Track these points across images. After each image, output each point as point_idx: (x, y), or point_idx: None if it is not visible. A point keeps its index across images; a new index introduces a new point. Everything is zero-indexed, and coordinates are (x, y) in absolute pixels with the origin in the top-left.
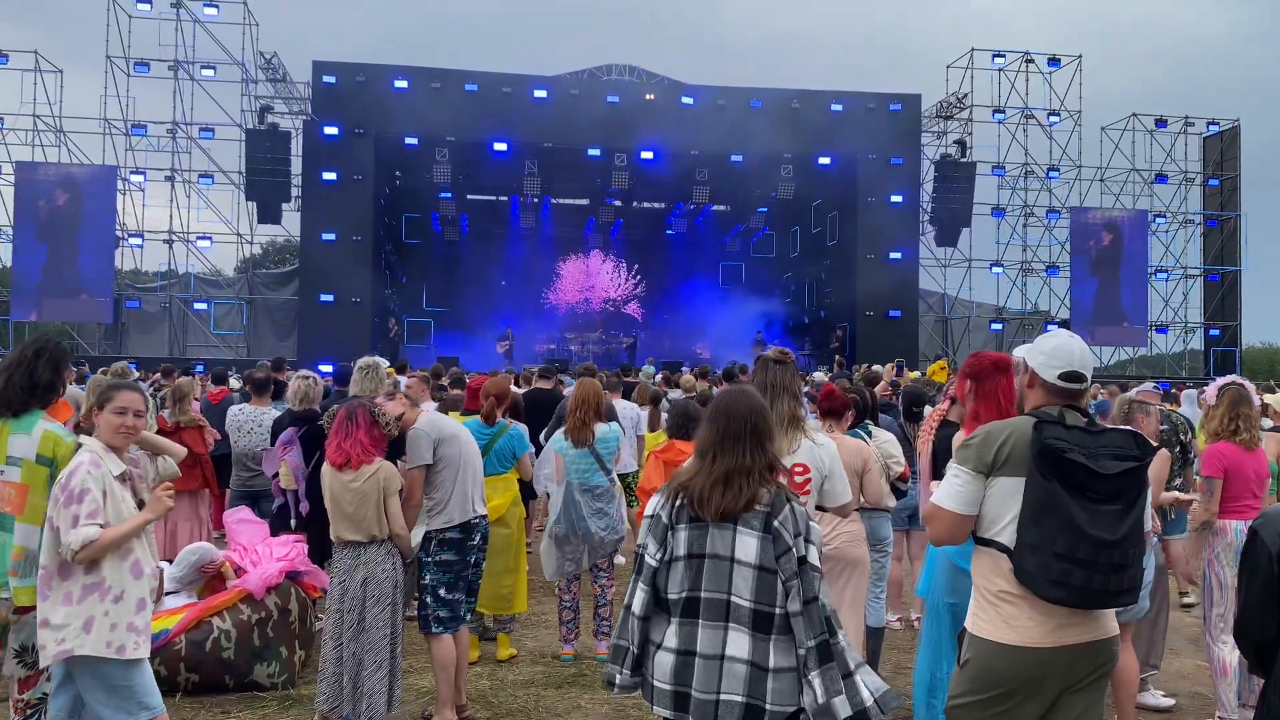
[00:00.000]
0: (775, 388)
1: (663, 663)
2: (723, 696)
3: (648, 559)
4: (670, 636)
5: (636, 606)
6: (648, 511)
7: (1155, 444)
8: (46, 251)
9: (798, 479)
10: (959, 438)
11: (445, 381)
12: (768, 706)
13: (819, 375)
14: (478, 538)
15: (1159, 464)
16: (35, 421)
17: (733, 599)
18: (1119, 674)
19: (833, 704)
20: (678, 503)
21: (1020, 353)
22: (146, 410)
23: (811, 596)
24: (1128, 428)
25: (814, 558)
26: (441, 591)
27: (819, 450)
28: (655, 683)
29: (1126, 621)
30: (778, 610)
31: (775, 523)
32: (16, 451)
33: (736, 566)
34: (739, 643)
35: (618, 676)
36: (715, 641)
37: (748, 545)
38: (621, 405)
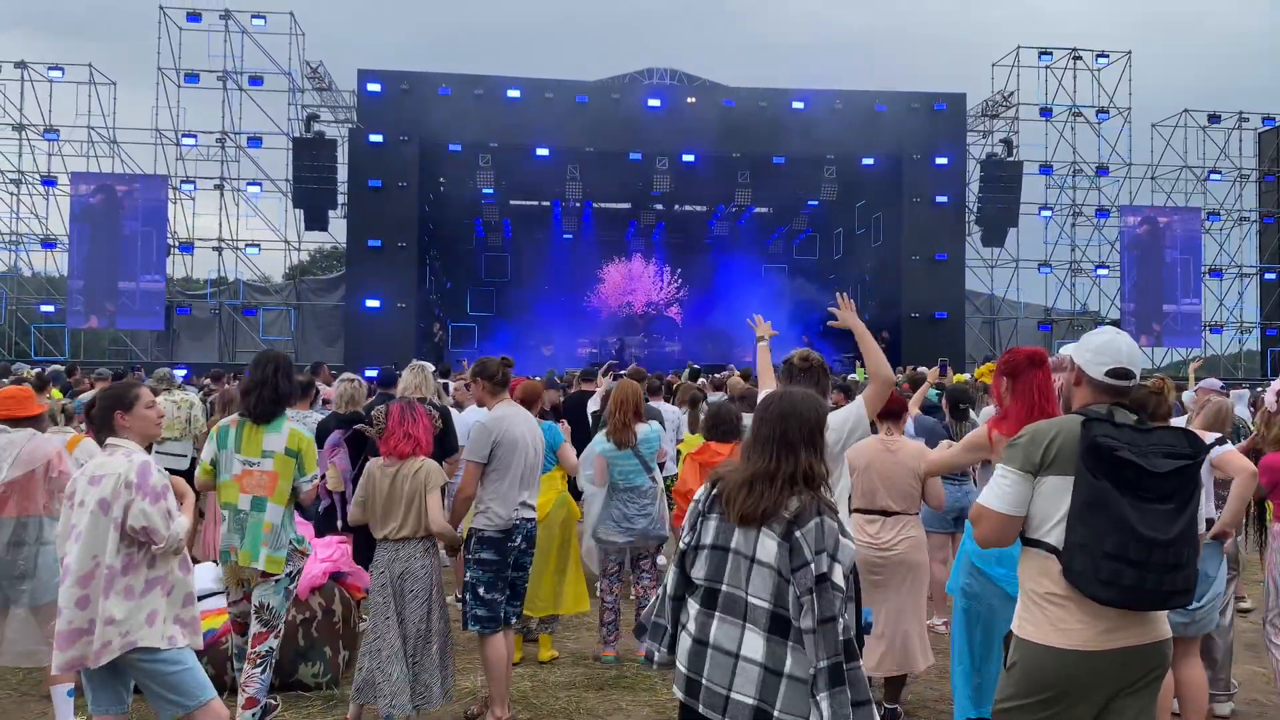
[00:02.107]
0: None
1: (682, 645)
2: (734, 695)
3: (681, 542)
4: (690, 621)
5: (669, 587)
6: (696, 496)
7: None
8: (100, 260)
9: None
10: (988, 434)
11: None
12: (776, 713)
13: (854, 377)
14: (519, 539)
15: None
16: (283, 422)
17: (750, 599)
18: (1188, 688)
19: None
20: (714, 491)
21: (1067, 350)
22: None
23: (828, 616)
24: (1179, 425)
25: (837, 576)
26: (480, 590)
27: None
28: (676, 664)
29: (1196, 635)
30: (793, 622)
31: (797, 534)
32: (270, 447)
33: (756, 566)
34: (754, 644)
35: (657, 653)
36: (731, 638)
37: (768, 548)
38: (663, 408)
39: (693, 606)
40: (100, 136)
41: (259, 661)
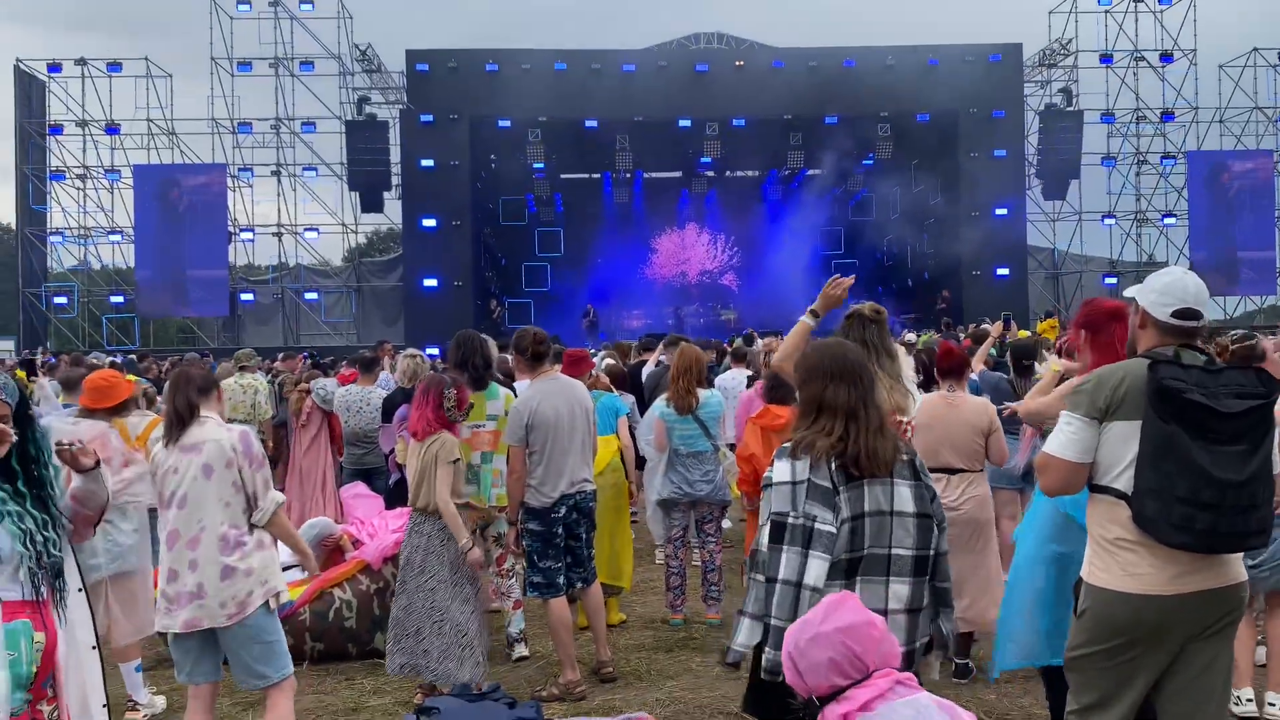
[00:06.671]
0: (873, 346)
1: None
2: None
3: (821, 527)
4: None
5: (814, 579)
6: (785, 477)
7: None
8: (166, 250)
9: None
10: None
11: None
12: (917, 645)
13: (910, 336)
14: (563, 510)
15: None
16: (498, 389)
17: (894, 551)
18: (1278, 642)
19: (949, 638)
20: (834, 465)
21: (1131, 292)
22: None
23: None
24: (1251, 365)
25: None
26: (534, 558)
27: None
28: None
29: (1275, 588)
30: (931, 553)
31: (918, 467)
32: (493, 411)
33: (897, 519)
34: (899, 594)
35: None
36: (876, 597)
37: (904, 495)
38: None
39: (830, 585)
40: (159, 129)
41: (510, 574)
